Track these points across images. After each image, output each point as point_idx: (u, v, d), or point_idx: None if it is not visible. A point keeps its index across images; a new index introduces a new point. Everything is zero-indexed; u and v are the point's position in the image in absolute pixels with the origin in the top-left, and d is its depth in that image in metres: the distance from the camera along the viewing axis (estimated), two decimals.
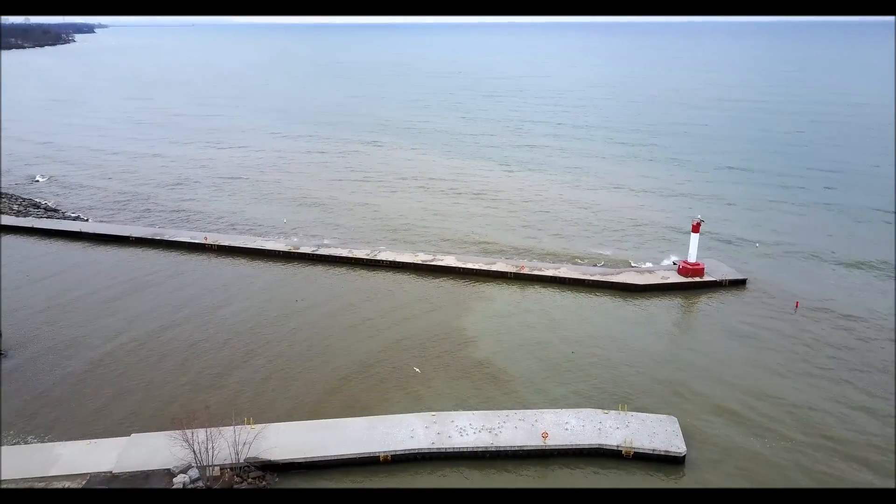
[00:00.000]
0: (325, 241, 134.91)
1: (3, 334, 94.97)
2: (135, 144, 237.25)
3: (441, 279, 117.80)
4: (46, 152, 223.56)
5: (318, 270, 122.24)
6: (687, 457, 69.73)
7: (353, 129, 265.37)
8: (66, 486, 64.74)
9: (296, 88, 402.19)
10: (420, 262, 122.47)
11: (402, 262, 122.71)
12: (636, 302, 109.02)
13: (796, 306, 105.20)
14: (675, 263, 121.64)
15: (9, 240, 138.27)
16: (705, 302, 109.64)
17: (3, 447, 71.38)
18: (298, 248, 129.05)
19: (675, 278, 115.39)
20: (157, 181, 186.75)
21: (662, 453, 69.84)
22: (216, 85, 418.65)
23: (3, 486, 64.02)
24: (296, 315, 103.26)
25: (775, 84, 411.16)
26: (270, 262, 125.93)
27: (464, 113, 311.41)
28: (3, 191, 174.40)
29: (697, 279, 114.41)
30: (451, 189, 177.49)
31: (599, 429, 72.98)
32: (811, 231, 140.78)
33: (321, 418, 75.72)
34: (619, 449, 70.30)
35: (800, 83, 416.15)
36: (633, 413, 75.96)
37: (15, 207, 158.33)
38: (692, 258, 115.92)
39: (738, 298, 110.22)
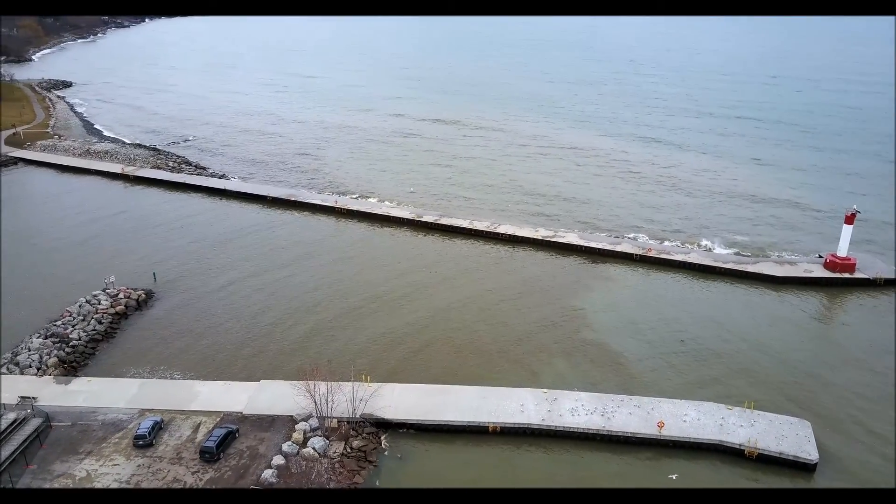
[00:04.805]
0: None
1: (156, 278, 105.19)
2: (275, 112, 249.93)
3: (562, 256, 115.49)
4: (195, 115, 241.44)
5: (441, 239, 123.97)
6: (818, 466, 64.62)
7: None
8: (203, 420, 70.97)
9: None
10: (540, 237, 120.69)
11: (522, 237, 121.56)
12: (773, 295, 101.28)
13: None
14: (821, 256, 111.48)
15: (164, 194, 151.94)
16: (854, 301, 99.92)
17: (154, 380, 79.61)
18: (422, 217, 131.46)
19: (821, 272, 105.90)
20: (295, 145, 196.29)
21: (791, 458, 65.02)
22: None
23: (153, 415, 71.34)
24: (426, 286, 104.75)
25: None
26: (395, 229, 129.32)
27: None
28: (159, 148, 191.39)
29: (847, 275, 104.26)
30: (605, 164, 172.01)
31: (721, 424, 69.09)
32: None
33: (435, 383, 77.49)
34: (742, 448, 66.27)
35: None
36: (761, 412, 71.12)
37: (170, 164, 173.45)
38: (842, 252, 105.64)
39: (894, 300, 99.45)
